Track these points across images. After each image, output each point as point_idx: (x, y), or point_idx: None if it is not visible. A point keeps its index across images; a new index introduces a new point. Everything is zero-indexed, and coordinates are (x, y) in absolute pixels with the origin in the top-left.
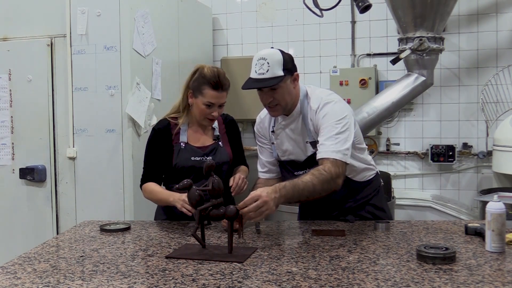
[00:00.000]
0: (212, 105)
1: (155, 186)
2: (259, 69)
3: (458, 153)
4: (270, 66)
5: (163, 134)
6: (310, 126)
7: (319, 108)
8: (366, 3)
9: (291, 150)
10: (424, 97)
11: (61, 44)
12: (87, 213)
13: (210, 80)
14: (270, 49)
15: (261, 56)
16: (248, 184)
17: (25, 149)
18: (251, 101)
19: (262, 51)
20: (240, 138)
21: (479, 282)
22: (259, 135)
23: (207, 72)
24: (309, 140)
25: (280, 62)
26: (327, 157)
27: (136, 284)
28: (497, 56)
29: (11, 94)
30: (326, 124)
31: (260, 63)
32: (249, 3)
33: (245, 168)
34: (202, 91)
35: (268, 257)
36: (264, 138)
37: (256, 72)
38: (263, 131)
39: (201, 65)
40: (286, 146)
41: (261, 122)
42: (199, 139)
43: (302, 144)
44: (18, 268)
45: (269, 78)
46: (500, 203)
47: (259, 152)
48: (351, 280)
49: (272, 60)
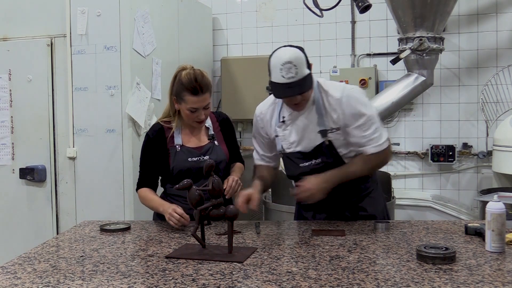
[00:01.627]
0: (196, 109)
1: (149, 193)
2: (287, 73)
3: (458, 153)
4: (298, 68)
5: (157, 138)
6: (331, 114)
7: (344, 103)
8: (366, 3)
9: (300, 140)
10: (424, 97)
11: (61, 44)
12: (87, 213)
13: (187, 86)
14: (289, 48)
15: (285, 60)
16: (242, 185)
17: (25, 149)
18: (251, 101)
19: (285, 54)
20: (234, 135)
21: (479, 282)
22: (258, 128)
23: (184, 78)
24: (320, 129)
25: (303, 60)
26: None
27: (136, 284)
28: (497, 56)
29: (11, 94)
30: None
31: (286, 67)
32: (249, 3)
33: (240, 166)
34: (183, 98)
35: (268, 257)
36: (263, 132)
37: (284, 77)
38: (263, 124)
39: (181, 67)
40: (294, 137)
41: (262, 115)
42: (194, 140)
43: (313, 133)
44: (18, 268)
45: (300, 80)
46: (500, 203)
47: (255, 145)
48: (351, 280)
49: (297, 61)
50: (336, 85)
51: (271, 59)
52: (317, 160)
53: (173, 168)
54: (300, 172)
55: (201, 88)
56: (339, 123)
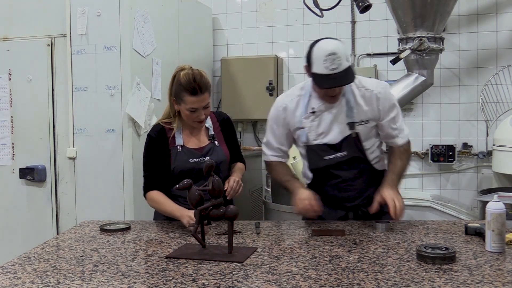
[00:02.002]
0: (196, 109)
1: (161, 196)
2: (331, 64)
3: (458, 153)
4: (341, 59)
5: (159, 138)
6: (363, 106)
7: (381, 96)
8: (366, 3)
9: (327, 132)
10: (424, 97)
11: (61, 44)
12: (87, 213)
13: (186, 87)
14: (332, 40)
15: (330, 51)
16: (242, 186)
17: (25, 149)
18: (251, 101)
19: (328, 45)
20: (235, 135)
21: (479, 282)
22: (280, 119)
23: (182, 78)
24: (349, 121)
25: (345, 52)
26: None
27: (136, 284)
28: (497, 56)
29: (11, 94)
30: (397, 112)
31: (331, 58)
32: (249, 3)
33: (241, 166)
34: (183, 98)
35: (268, 257)
36: (286, 124)
37: (328, 68)
38: (286, 115)
39: (180, 67)
40: (322, 128)
41: (285, 106)
42: (195, 141)
43: (341, 125)
44: (18, 268)
45: (343, 71)
46: (500, 203)
47: (271, 138)
48: (351, 280)
49: (341, 53)
50: (368, 79)
51: (314, 51)
52: (342, 153)
53: (174, 169)
54: (325, 164)
55: (200, 88)
56: (369, 115)
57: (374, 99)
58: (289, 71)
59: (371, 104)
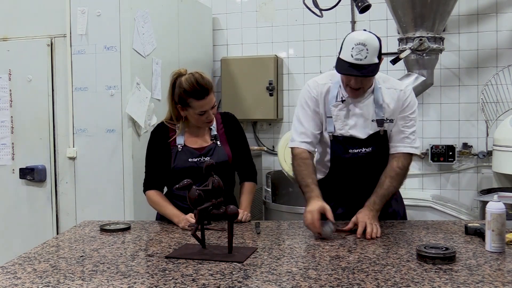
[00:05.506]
0: (204, 112)
1: (159, 197)
2: (357, 54)
3: (458, 153)
4: (369, 53)
5: (161, 137)
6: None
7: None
8: (365, 3)
9: (353, 124)
10: (424, 97)
11: (61, 44)
12: (87, 213)
13: (192, 93)
14: (368, 33)
15: (360, 41)
16: (250, 216)
17: (25, 149)
18: (251, 101)
19: (361, 35)
20: (242, 135)
21: (479, 282)
22: (312, 99)
23: (186, 85)
24: (376, 118)
25: (377, 49)
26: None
27: (136, 284)
28: (497, 56)
29: (11, 94)
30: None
31: (358, 48)
32: (249, 3)
33: (251, 188)
34: (190, 104)
35: (268, 257)
36: (318, 106)
37: (352, 57)
38: (318, 97)
39: (177, 73)
40: (350, 120)
41: (318, 88)
42: (197, 141)
43: (368, 121)
44: (18, 268)
45: (367, 65)
46: (500, 203)
47: (303, 120)
48: (351, 280)
49: (371, 47)
50: (398, 81)
51: (347, 37)
52: (368, 148)
53: (174, 168)
54: (349, 157)
55: (205, 90)
56: (394, 115)
57: (401, 97)
58: (289, 71)
59: (398, 103)
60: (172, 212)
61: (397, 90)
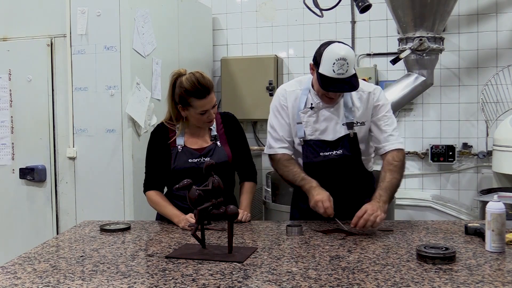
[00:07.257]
0: (206, 111)
1: (160, 198)
2: (339, 69)
3: (458, 153)
4: (349, 66)
5: (161, 137)
6: (359, 108)
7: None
8: (366, 3)
9: (324, 129)
10: (424, 97)
11: (61, 44)
12: (87, 213)
13: (193, 92)
14: (345, 46)
15: (341, 56)
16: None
17: (25, 149)
18: (251, 101)
19: (340, 50)
20: (242, 135)
21: (479, 282)
22: (282, 106)
23: (187, 84)
24: (346, 122)
25: (354, 60)
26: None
27: (136, 284)
28: (497, 56)
29: (11, 94)
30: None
31: (340, 63)
32: (249, 3)
33: (251, 187)
34: (191, 103)
35: (268, 257)
36: (288, 114)
37: (334, 72)
38: (287, 104)
39: (176, 73)
40: (320, 125)
41: (286, 94)
42: (197, 141)
43: (338, 125)
44: (18, 268)
45: (349, 77)
46: (500, 203)
47: (277, 127)
48: (351, 280)
49: (350, 60)
50: (364, 82)
51: (325, 52)
52: (338, 151)
53: (174, 169)
54: (320, 160)
55: (206, 89)
56: (366, 117)
57: (370, 100)
58: (289, 71)
59: (367, 105)
60: (172, 212)
61: (365, 92)
